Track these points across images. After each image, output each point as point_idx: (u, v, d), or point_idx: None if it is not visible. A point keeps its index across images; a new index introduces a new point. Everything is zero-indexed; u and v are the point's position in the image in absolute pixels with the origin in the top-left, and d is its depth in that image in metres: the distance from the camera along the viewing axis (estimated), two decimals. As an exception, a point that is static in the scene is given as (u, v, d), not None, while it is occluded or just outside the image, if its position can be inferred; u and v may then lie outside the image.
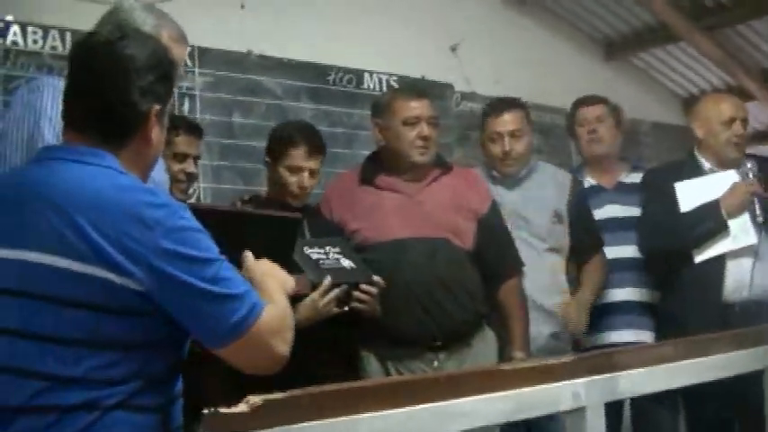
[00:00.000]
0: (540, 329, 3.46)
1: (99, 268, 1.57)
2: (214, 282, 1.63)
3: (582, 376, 2.20)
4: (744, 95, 6.24)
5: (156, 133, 1.79)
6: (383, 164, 3.34)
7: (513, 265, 3.41)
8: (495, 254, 3.34)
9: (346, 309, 2.87)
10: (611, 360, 2.29)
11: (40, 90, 2.27)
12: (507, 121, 3.62)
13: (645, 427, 3.84)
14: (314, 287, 2.76)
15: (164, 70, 1.79)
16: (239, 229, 2.35)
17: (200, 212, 1.77)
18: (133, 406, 1.63)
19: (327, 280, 2.79)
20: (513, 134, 3.60)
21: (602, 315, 3.75)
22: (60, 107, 1.81)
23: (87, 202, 1.61)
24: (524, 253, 3.46)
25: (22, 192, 1.68)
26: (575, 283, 3.74)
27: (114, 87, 1.74)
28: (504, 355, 3.26)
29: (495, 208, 3.42)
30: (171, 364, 1.73)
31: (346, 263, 2.92)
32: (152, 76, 1.76)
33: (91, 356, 1.59)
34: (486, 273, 3.29)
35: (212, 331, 1.66)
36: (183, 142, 3.23)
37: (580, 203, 3.73)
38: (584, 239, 3.71)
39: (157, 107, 1.76)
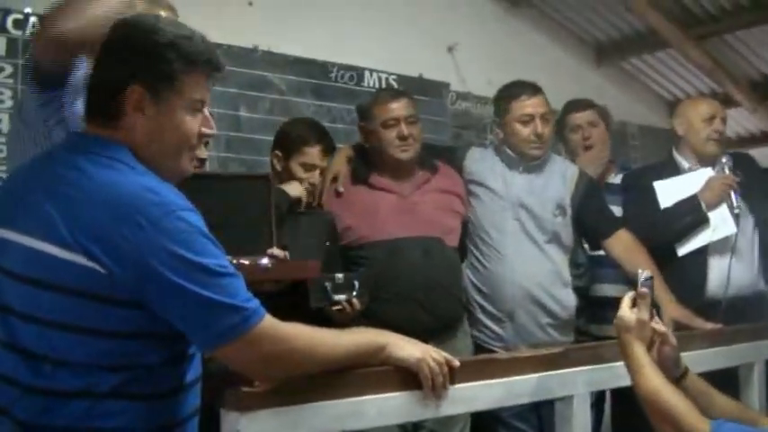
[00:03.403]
0: (540, 321, 3.50)
1: (85, 258, 1.56)
2: (207, 287, 1.59)
3: (570, 367, 2.37)
4: (729, 103, 6.37)
5: (147, 116, 1.71)
6: (373, 164, 3.48)
7: None
8: None
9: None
10: (596, 353, 2.45)
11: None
12: (539, 104, 3.57)
13: (624, 423, 3.85)
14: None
15: (144, 49, 1.72)
16: (212, 191, 2.44)
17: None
18: (127, 394, 1.62)
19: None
20: (543, 117, 3.57)
21: (595, 308, 3.78)
22: None
23: (84, 196, 1.61)
24: (525, 244, 3.52)
25: (30, 178, 1.71)
26: (586, 274, 3.81)
27: (96, 69, 1.76)
28: None
29: None
30: (172, 353, 1.70)
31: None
32: (128, 54, 1.72)
33: (82, 342, 1.59)
34: None
35: (200, 335, 1.64)
36: None
37: (590, 190, 3.69)
38: (601, 218, 3.67)
39: (138, 87, 1.69)
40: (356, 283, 2.88)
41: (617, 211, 3.86)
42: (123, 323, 1.61)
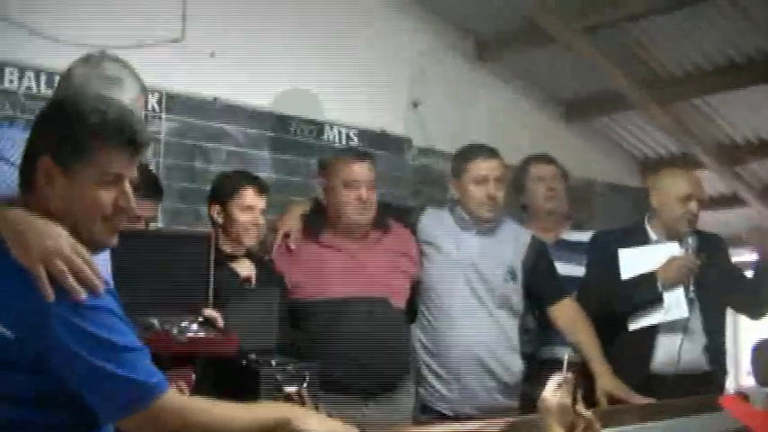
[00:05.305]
0: (486, 385, 3.51)
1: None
2: (110, 360, 1.63)
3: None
4: (696, 165, 6.39)
5: (57, 187, 1.73)
6: (327, 220, 3.51)
7: None
8: None
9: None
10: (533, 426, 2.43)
11: None
12: (495, 167, 3.63)
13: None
14: None
15: (53, 122, 1.77)
16: (152, 248, 2.49)
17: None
18: None
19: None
20: (498, 179, 3.62)
21: (544, 370, 3.68)
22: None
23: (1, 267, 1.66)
24: (474, 308, 3.54)
25: None
26: (534, 342, 3.81)
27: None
28: None
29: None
30: (80, 420, 1.72)
31: None
32: (40, 127, 1.78)
33: None
34: None
35: (101, 407, 1.68)
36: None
37: (541, 254, 3.73)
38: (548, 285, 3.71)
39: (46, 159, 1.72)
40: (307, 374, 2.88)
41: (567, 268, 3.90)
42: (29, 389, 1.65)
